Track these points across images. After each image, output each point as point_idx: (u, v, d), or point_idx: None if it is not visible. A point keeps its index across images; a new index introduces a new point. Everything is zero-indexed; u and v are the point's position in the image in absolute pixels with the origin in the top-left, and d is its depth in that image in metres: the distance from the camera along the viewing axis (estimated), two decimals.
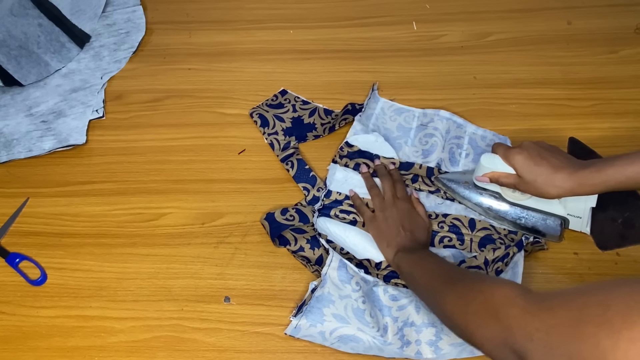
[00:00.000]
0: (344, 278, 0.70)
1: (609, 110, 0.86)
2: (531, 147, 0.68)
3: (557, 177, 0.64)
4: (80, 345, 0.69)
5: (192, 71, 0.97)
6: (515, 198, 0.72)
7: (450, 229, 0.75)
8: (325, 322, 0.67)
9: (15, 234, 0.79)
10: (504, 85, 0.91)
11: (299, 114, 0.89)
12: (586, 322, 0.38)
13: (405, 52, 0.97)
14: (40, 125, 0.90)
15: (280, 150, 0.84)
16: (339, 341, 0.67)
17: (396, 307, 0.67)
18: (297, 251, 0.73)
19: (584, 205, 0.69)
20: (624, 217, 0.73)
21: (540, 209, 0.72)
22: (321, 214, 0.78)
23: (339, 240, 0.75)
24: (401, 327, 0.66)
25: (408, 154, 0.84)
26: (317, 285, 0.69)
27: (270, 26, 1.03)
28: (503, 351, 0.46)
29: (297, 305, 0.69)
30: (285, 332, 0.67)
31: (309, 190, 0.80)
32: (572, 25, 0.99)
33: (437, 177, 0.79)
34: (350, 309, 0.68)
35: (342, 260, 0.71)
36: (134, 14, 1.06)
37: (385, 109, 0.89)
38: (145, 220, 0.79)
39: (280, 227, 0.75)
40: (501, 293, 0.49)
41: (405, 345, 0.66)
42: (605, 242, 0.73)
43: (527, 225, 0.73)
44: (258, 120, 0.88)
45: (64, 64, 0.99)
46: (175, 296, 0.72)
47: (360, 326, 0.67)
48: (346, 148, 0.83)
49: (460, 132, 0.85)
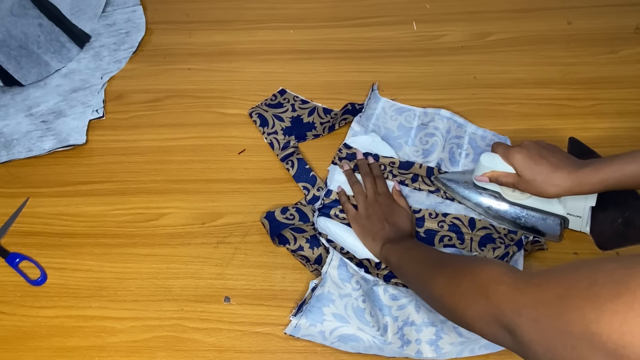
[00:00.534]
0: (344, 277, 0.70)
1: (609, 110, 0.86)
2: (531, 146, 0.68)
3: (556, 175, 0.64)
4: (80, 345, 0.69)
5: (192, 71, 0.97)
6: (514, 197, 0.72)
7: (450, 228, 0.75)
8: (325, 322, 0.67)
9: (15, 234, 0.79)
10: (504, 85, 0.91)
11: (298, 113, 0.89)
12: (573, 297, 0.39)
13: (405, 52, 0.97)
14: (40, 125, 0.90)
15: (280, 149, 0.85)
16: (339, 340, 0.67)
17: (396, 307, 0.67)
18: (297, 250, 0.73)
19: (583, 204, 0.69)
20: (624, 217, 0.73)
21: (540, 208, 0.72)
22: (321, 213, 0.78)
23: (339, 240, 0.75)
24: (401, 327, 0.66)
25: (408, 153, 0.84)
26: (317, 284, 0.69)
27: (270, 26, 1.03)
28: (493, 327, 0.47)
29: (297, 305, 0.69)
30: (285, 331, 0.67)
31: (309, 189, 0.80)
32: (572, 25, 0.99)
33: (436, 177, 0.79)
34: (351, 308, 0.68)
35: (343, 259, 0.71)
36: (133, 13, 1.06)
37: (386, 109, 0.89)
38: (145, 220, 0.79)
39: (280, 226, 0.75)
40: (489, 271, 0.50)
41: (406, 345, 0.66)
42: (605, 242, 0.73)
43: (527, 224, 0.73)
44: (257, 120, 0.88)
45: (64, 64, 0.99)
46: (175, 296, 0.72)
47: (361, 325, 0.67)
48: (345, 150, 0.83)
49: (460, 131, 0.85)
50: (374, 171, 0.80)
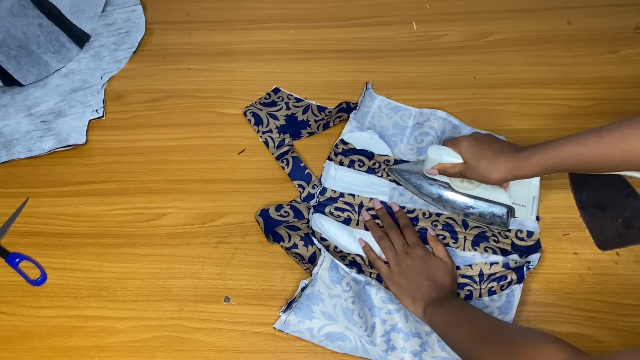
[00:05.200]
0: (334, 279, 0.71)
1: (609, 110, 0.86)
2: (477, 135, 0.70)
3: (498, 160, 0.65)
4: (80, 345, 0.69)
5: (192, 71, 0.97)
6: (463, 188, 0.74)
7: (444, 228, 0.76)
8: (313, 319, 0.68)
9: (15, 234, 0.79)
10: (504, 85, 0.91)
11: (293, 111, 0.89)
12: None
13: (405, 52, 0.97)
14: (40, 125, 0.90)
15: (274, 148, 0.85)
16: (327, 339, 0.67)
17: (386, 310, 0.68)
18: (291, 248, 0.73)
19: (526, 194, 0.71)
20: (623, 217, 0.73)
21: (487, 198, 0.74)
22: (316, 210, 0.78)
23: (333, 238, 0.75)
24: (388, 331, 0.67)
25: (403, 151, 0.84)
26: (307, 284, 0.70)
27: (270, 26, 1.03)
28: None
29: (286, 302, 0.69)
30: (274, 326, 0.68)
31: (304, 187, 0.80)
32: (572, 25, 0.98)
33: (390, 167, 0.80)
34: (340, 308, 0.69)
35: (334, 261, 0.72)
36: (133, 13, 1.06)
37: (382, 107, 0.89)
38: (145, 220, 0.79)
39: (274, 223, 0.75)
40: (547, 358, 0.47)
41: (390, 350, 0.66)
42: (605, 242, 0.73)
43: (475, 213, 0.74)
44: (252, 118, 0.88)
45: (64, 64, 0.99)
46: (175, 296, 0.72)
47: (348, 325, 0.68)
48: (341, 145, 0.83)
49: (455, 133, 0.85)
50: (400, 221, 0.76)
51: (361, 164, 0.81)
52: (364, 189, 0.80)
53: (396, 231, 0.74)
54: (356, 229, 0.76)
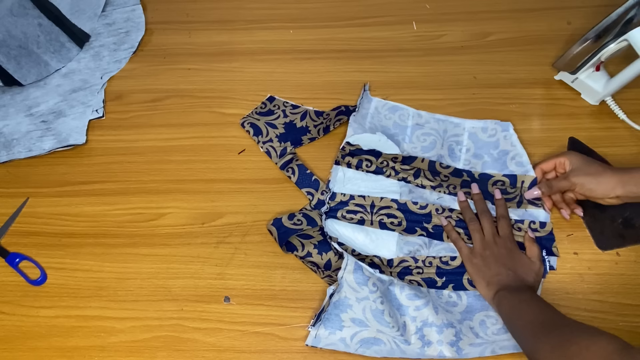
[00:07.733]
0: (360, 280, 0.69)
1: (608, 110, 0.86)
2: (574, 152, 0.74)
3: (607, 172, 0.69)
4: (80, 345, 0.69)
5: (192, 71, 0.97)
6: None
7: (458, 224, 0.76)
8: (344, 328, 0.67)
9: (15, 234, 0.79)
10: (504, 85, 0.91)
11: (290, 118, 0.88)
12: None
13: (405, 52, 0.97)
14: (40, 125, 0.90)
15: (277, 157, 0.84)
16: (362, 346, 0.66)
17: (414, 307, 0.67)
18: (305, 257, 0.72)
19: None
20: (623, 217, 0.73)
21: None
22: (328, 216, 0.77)
23: (349, 242, 0.75)
24: (420, 327, 0.66)
25: (407, 149, 0.84)
26: (335, 290, 0.69)
27: (270, 26, 1.03)
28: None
29: (315, 314, 0.68)
30: (306, 343, 0.67)
31: (313, 194, 0.79)
32: (572, 25, 0.99)
33: None
34: (369, 311, 0.67)
35: (358, 263, 0.70)
36: (133, 13, 1.06)
37: (379, 108, 0.89)
38: (145, 220, 0.79)
39: (288, 232, 0.74)
40: (597, 348, 0.49)
41: (427, 346, 0.66)
42: (605, 242, 0.73)
43: None
44: (250, 129, 0.87)
45: (64, 64, 0.99)
46: (175, 296, 0.72)
47: (380, 327, 0.67)
48: (348, 147, 0.83)
49: (458, 130, 0.85)
50: (498, 210, 0.75)
51: (369, 164, 0.81)
52: (373, 189, 0.79)
53: (489, 218, 0.74)
54: (371, 228, 0.76)
